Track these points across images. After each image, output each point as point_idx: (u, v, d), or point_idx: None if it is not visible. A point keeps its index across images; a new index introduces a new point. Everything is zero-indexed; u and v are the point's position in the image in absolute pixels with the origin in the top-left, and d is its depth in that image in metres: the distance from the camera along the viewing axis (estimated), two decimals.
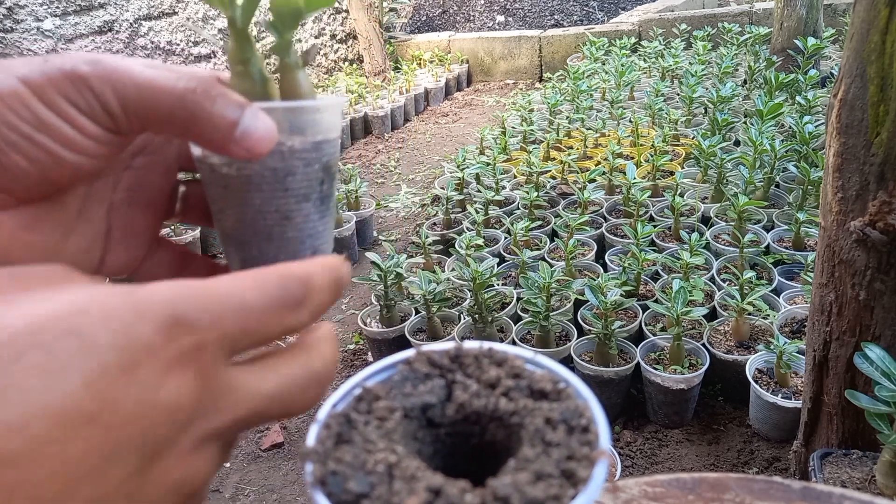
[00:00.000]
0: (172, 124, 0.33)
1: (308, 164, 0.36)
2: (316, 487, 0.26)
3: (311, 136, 0.36)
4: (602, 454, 0.27)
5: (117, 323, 0.25)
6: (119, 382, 0.24)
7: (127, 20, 3.74)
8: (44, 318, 0.24)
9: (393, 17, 6.11)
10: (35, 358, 0.23)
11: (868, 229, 1.02)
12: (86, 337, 0.24)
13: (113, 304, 0.25)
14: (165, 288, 0.27)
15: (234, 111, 0.33)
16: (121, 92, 0.32)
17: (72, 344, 0.24)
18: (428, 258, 2.43)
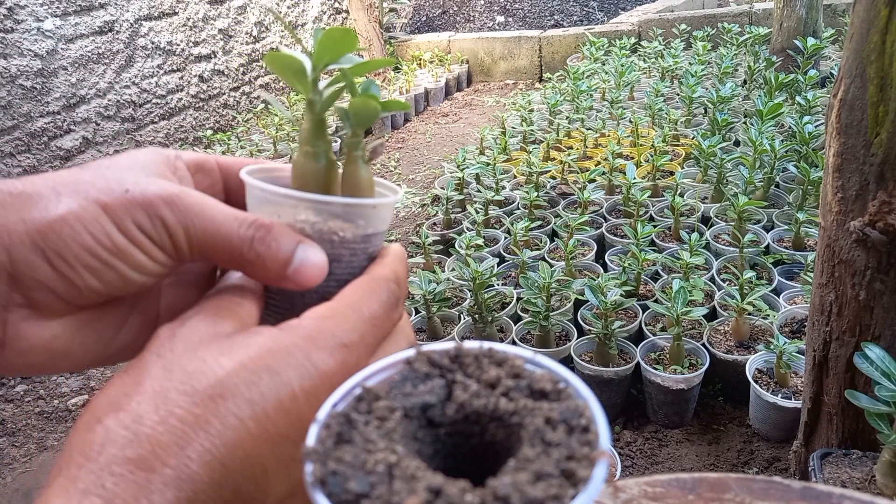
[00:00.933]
0: (231, 262, 0.37)
1: (354, 254, 0.38)
2: (316, 487, 0.26)
3: (362, 230, 0.38)
4: (602, 454, 0.27)
5: (299, 357, 0.32)
6: (304, 406, 0.31)
7: (127, 20, 3.74)
8: (246, 360, 0.31)
9: (393, 18, 6.11)
10: (242, 391, 0.30)
11: (868, 229, 1.02)
12: (276, 372, 0.31)
13: (291, 340, 0.33)
14: (327, 321, 0.34)
15: (287, 250, 0.36)
16: (191, 232, 0.36)
17: (266, 378, 0.31)
18: (428, 258, 2.43)
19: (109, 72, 3.67)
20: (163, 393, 0.30)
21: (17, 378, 2.43)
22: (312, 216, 0.37)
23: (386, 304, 0.37)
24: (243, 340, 0.33)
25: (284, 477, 0.32)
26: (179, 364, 0.31)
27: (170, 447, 0.29)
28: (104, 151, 3.73)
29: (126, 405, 0.30)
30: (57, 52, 3.37)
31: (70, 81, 3.45)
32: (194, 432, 0.29)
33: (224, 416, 0.30)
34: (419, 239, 2.43)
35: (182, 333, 0.33)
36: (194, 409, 0.30)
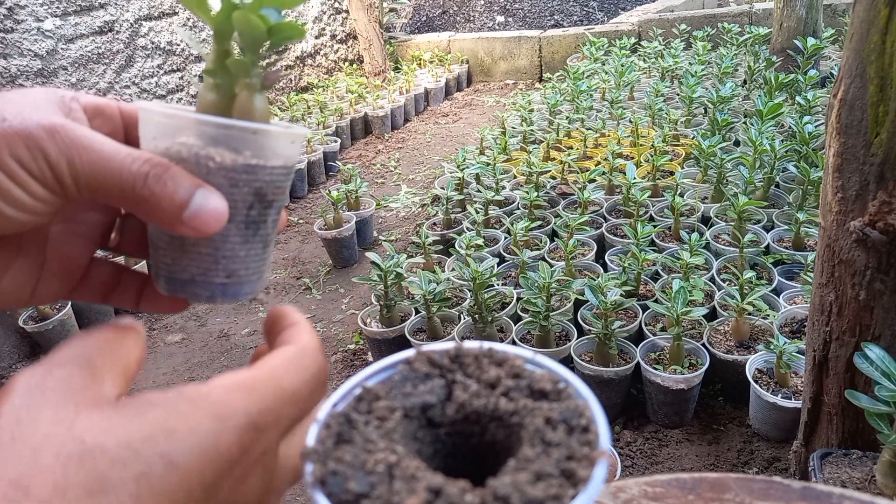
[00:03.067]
0: (122, 201, 0.33)
1: (234, 185, 0.35)
2: (316, 487, 0.26)
3: (245, 159, 0.35)
4: (602, 454, 0.26)
5: (203, 442, 0.27)
6: (201, 499, 0.27)
7: (127, 20, 3.74)
8: (136, 442, 0.26)
9: (393, 18, 6.11)
10: (128, 486, 0.25)
11: (868, 229, 1.02)
12: (174, 460, 0.26)
13: (196, 420, 0.27)
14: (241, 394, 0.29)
15: (185, 193, 0.33)
16: (75, 165, 0.32)
17: (158, 467, 0.26)
18: (428, 258, 2.43)
19: (109, 72, 3.67)
20: (24, 485, 0.24)
21: None
22: (192, 139, 0.34)
23: (310, 382, 0.32)
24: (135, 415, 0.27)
25: None
26: (49, 443, 0.25)
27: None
28: None
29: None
30: (57, 52, 3.37)
31: (70, 81, 3.45)
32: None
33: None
34: (419, 239, 2.43)
35: (50, 391, 0.27)
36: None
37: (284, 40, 0.37)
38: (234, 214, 0.35)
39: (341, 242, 2.87)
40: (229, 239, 0.36)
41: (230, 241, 0.36)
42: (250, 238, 0.37)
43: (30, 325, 2.44)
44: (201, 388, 0.29)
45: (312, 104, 4.61)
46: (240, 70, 0.36)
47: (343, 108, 4.43)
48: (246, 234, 0.37)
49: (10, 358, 2.50)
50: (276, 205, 0.38)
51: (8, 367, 2.48)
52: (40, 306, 2.44)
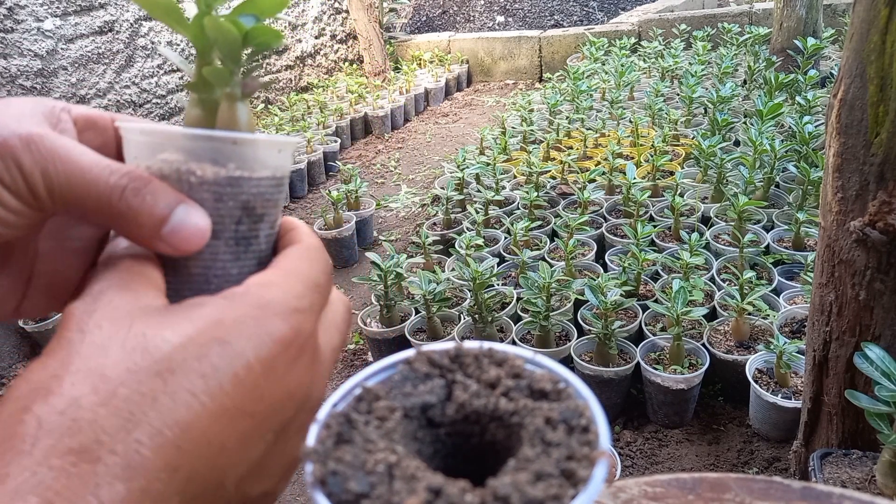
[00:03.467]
0: (98, 216, 0.32)
1: (219, 199, 0.34)
2: (316, 487, 0.26)
3: (228, 171, 0.33)
4: (602, 454, 0.27)
5: (251, 325, 0.30)
6: (260, 377, 0.29)
7: (127, 20, 3.74)
8: (193, 332, 0.29)
9: (393, 18, 6.11)
10: (193, 365, 0.28)
11: (868, 229, 1.02)
12: (228, 343, 0.29)
13: (241, 310, 0.30)
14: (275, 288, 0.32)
15: (165, 208, 0.32)
16: (49, 176, 0.31)
17: (217, 350, 0.28)
18: (428, 258, 2.43)
19: (109, 72, 3.67)
20: (100, 371, 0.27)
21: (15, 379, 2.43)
22: (173, 155, 0.33)
23: (324, 271, 0.35)
24: (186, 312, 0.30)
25: (243, 454, 0.29)
26: (114, 340, 0.28)
27: (115, 431, 0.25)
28: None
29: (57, 388, 0.26)
30: (57, 52, 3.37)
31: (70, 81, 3.45)
32: (142, 412, 0.26)
33: (175, 392, 0.27)
34: (419, 239, 2.43)
35: (103, 308, 0.29)
36: (140, 386, 0.26)
37: (262, 46, 0.35)
38: (221, 231, 0.34)
39: (341, 242, 2.87)
40: (219, 257, 0.35)
41: (220, 258, 0.35)
42: (241, 255, 0.35)
43: (30, 324, 2.44)
44: (238, 288, 0.32)
45: (312, 104, 4.61)
46: (218, 80, 0.35)
47: (343, 108, 4.43)
48: (237, 250, 0.35)
49: (10, 358, 2.50)
50: (267, 218, 0.36)
51: (8, 367, 2.48)
52: None
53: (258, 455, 0.30)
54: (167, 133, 0.34)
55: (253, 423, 0.29)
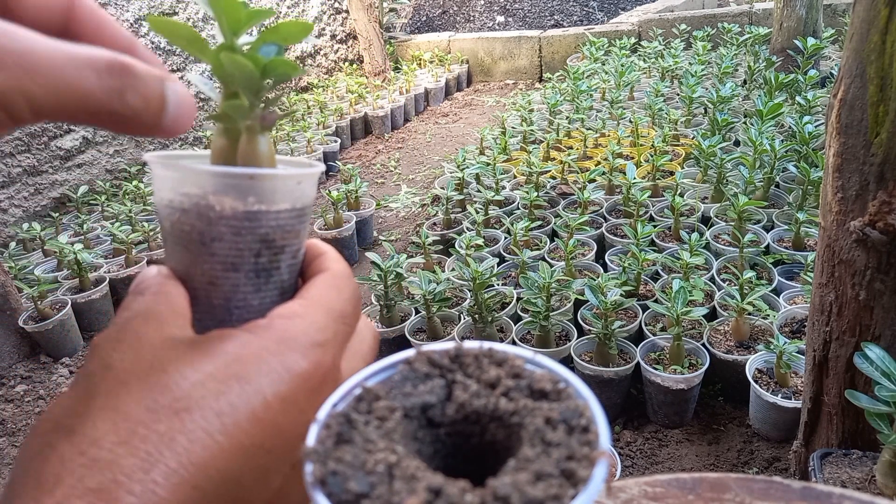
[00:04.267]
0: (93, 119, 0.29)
1: (238, 234, 0.34)
2: (316, 487, 0.26)
3: (246, 205, 0.34)
4: (602, 454, 0.27)
5: (271, 361, 0.30)
6: (279, 413, 0.29)
7: (127, 20, 3.74)
8: (212, 369, 0.29)
9: (393, 18, 6.11)
10: (210, 403, 0.28)
11: (868, 229, 1.02)
12: (246, 380, 0.29)
13: (261, 345, 0.30)
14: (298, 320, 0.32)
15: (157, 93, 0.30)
16: (39, 102, 0.27)
17: (236, 388, 0.29)
18: (428, 258, 2.43)
19: None
20: (120, 409, 0.27)
21: (17, 378, 2.43)
22: (193, 189, 0.33)
23: (351, 300, 0.35)
24: (207, 347, 0.30)
25: (261, 489, 0.30)
26: (135, 376, 0.28)
27: (133, 472, 0.26)
28: (104, 151, 3.73)
29: (79, 427, 0.27)
30: None
31: None
32: (159, 452, 0.27)
33: (191, 431, 0.27)
34: (419, 239, 2.43)
35: (128, 341, 0.30)
36: (157, 426, 0.27)
37: (281, 78, 0.35)
38: (241, 264, 0.34)
39: (341, 242, 2.87)
40: (240, 289, 0.35)
41: (241, 290, 0.35)
42: (262, 286, 0.35)
43: (30, 324, 2.44)
44: (261, 321, 0.32)
45: (312, 104, 4.61)
46: (237, 113, 0.35)
47: (343, 108, 4.43)
48: (258, 282, 0.35)
49: (11, 358, 2.50)
50: (288, 249, 0.36)
51: (8, 367, 2.48)
52: (40, 306, 2.45)
53: (277, 486, 0.30)
54: (187, 169, 0.34)
55: (271, 458, 0.29)
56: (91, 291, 2.61)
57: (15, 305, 2.47)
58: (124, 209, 3.04)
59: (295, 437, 0.30)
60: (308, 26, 0.35)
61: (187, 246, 0.34)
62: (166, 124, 0.31)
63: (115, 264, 2.83)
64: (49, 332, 2.45)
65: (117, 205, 3.21)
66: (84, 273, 2.62)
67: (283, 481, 0.31)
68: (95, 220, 3.23)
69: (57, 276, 2.73)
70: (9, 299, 2.45)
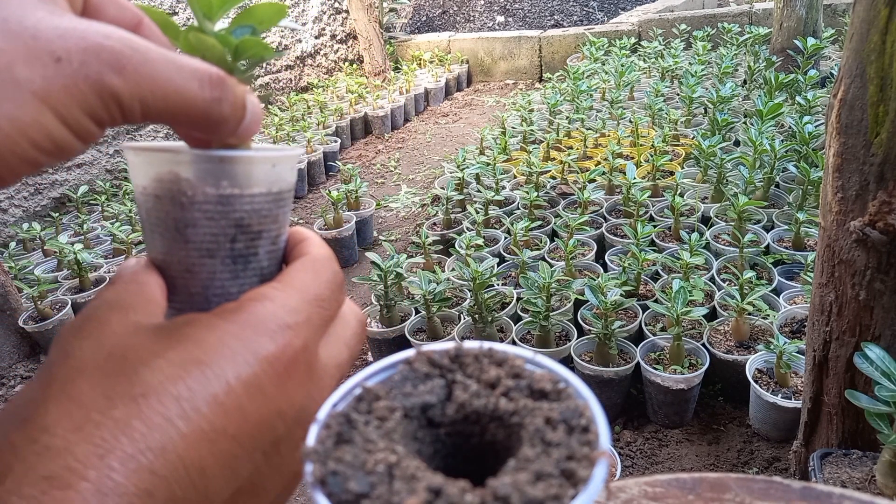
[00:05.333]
0: (188, 127, 0.32)
1: (211, 218, 0.33)
2: (316, 487, 0.26)
3: (217, 189, 0.33)
4: (602, 454, 0.26)
5: (234, 345, 0.29)
6: (243, 397, 0.29)
7: None
8: (171, 354, 0.28)
9: (393, 18, 6.11)
10: (168, 388, 0.27)
11: (868, 229, 1.02)
12: (207, 364, 0.28)
13: (224, 328, 0.30)
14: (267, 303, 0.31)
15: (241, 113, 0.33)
16: (148, 105, 0.29)
17: (194, 372, 0.28)
18: (428, 258, 2.43)
19: None
20: (75, 397, 0.27)
21: (17, 378, 2.43)
22: (165, 174, 0.33)
23: (331, 284, 0.34)
24: (169, 333, 0.29)
25: (228, 476, 0.29)
26: (93, 363, 0.28)
27: (87, 458, 0.25)
28: (104, 151, 3.72)
29: (33, 415, 0.26)
30: None
31: None
32: (114, 438, 0.26)
33: (149, 417, 0.27)
34: (419, 239, 2.43)
35: (89, 329, 0.30)
36: (113, 412, 0.26)
37: (255, 59, 0.35)
38: (216, 250, 0.34)
39: (341, 242, 2.87)
40: (217, 276, 0.34)
41: (218, 277, 0.34)
42: (240, 272, 0.35)
43: (30, 324, 2.44)
44: (231, 304, 0.32)
45: (312, 104, 4.61)
46: None
47: (343, 108, 4.43)
48: (235, 269, 0.34)
49: (11, 358, 2.50)
50: (266, 234, 0.35)
51: (8, 367, 2.48)
52: (40, 306, 2.45)
53: (247, 474, 0.30)
54: (156, 154, 0.33)
55: (236, 444, 0.29)
56: (91, 291, 2.61)
57: (15, 305, 2.47)
58: (124, 209, 3.04)
59: (262, 423, 0.29)
60: (282, 8, 0.35)
61: (163, 233, 0.34)
62: (242, 130, 0.33)
63: (115, 264, 2.83)
64: (49, 332, 2.45)
65: (117, 205, 3.21)
66: (84, 273, 2.62)
67: (254, 469, 0.30)
68: (95, 220, 3.23)
69: (57, 276, 2.73)
70: (9, 299, 2.45)
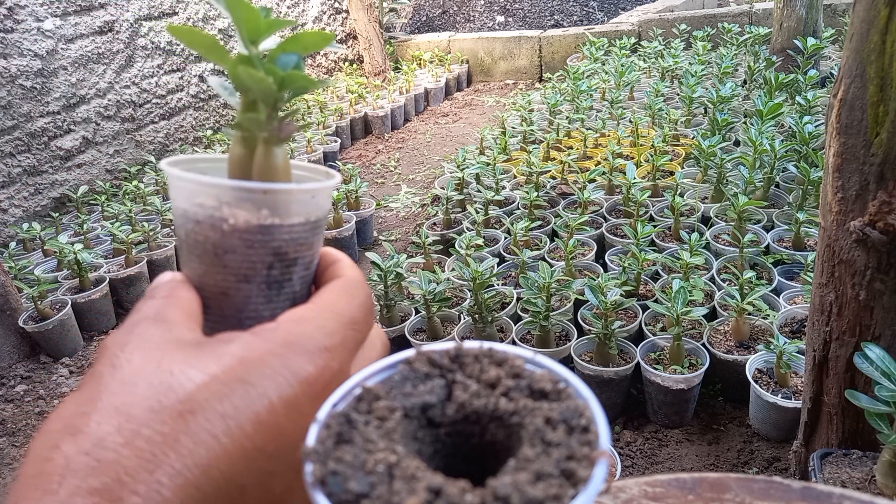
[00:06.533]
0: None
1: (251, 246, 0.34)
2: (316, 487, 0.26)
3: (259, 218, 0.34)
4: (602, 454, 0.26)
5: (276, 365, 0.30)
6: (282, 417, 0.29)
7: (127, 20, 3.74)
8: (217, 371, 0.29)
9: (393, 18, 6.11)
10: (215, 406, 0.28)
11: (868, 229, 1.02)
12: (250, 383, 0.29)
13: (267, 347, 0.30)
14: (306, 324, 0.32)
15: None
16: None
17: (240, 391, 0.29)
18: (428, 258, 2.43)
19: (109, 72, 3.67)
20: (125, 410, 0.27)
21: (17, 378, 2.43)
22: (208, 200, 0.34)
23: (364, 307, 0.35)
24: (213, 349, 0.30)
25: (262, 492, 0.30)
26: (141, 377, 0.28)
27: (137, 472, 0.26)
28: (104, 151, 3.73)
29: (84, 427, 0.27)
30: (57, 52, 3.37)
31: (70, 81, 3.45)
32: (163, 453, 0.27)
33: (195, 433, 0.27)
34: (419, 239, 2.43)
35: (135, 342, 0.30)
36: (162, 427, 0.27)
37: (299, 92, 0.36)
38: (253, 276, 0.35)
39: (341, 242, 2.87)
40: (251, 300, 0.35)
41: (252, 301, 0.35)
42: (274, 297, 0.36)
43: (30, 324, 2.44)
44: (269, 324, 0.32)
45: (312, 104, 4.61)
46: (254, 126, 0.36)
47: (343, 108, 4.43)
48: (269, 293, 0.36)
49: (10, 358, 2.50)
50: (301, 261, 0.36)
51: (8, 366, 2.48)
52: (40, 306, 2.45)
53: (280, 491, 0.30)
54: (203, 181, 0.34)
55: (273, 463, 0.29)
56: (91, 291, 2.61)
57: (15, 305, 2.47)
58: (124, 209, 3.04)
59: (297, 442, 0.30)
60: (329, 36, 0.36)
61: (201, 256, 0.35)
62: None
63: (115, 264, 2.83)
64: (49, 332, 2.45)
65: (117, 205, 3.21)
66: (84, 273, 2.62)
67: (286, 487, 0.31)
68: (95, 220, 3.23)
69: (57, 276, 2.73)
70: (9, 299, 2.45)
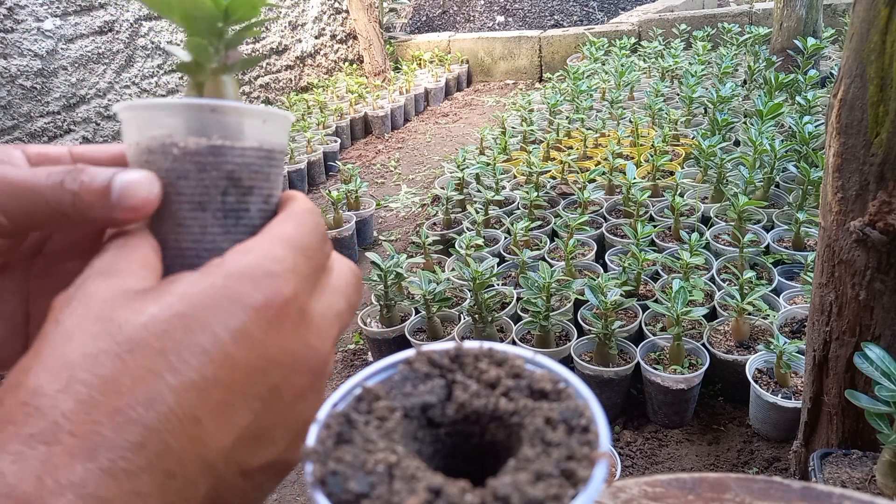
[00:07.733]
0: (56, 218, 0.33)
1: (203, 169, 0.34)
2: (316, 487, 0.26)
3: (208, 140, 0.34)
4: (602, 454, 0.26)
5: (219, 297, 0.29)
6: (230, 346, 0.29)
7: (127, 20, 3.74)
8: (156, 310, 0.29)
9: (393, 18, 6.11)
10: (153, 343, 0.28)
11: (868, 229, 1.02)
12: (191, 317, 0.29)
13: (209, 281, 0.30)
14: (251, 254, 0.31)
15: (102, 182, 0.32)
16: (2, 205, 0.32)
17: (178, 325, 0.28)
18: (428, 258, 2.43)
19: (109, 72, 3.67)
20: (63, 359, 0.27)
21: None
22: (157, 130, 0.34)
23: (314, 233, 0.34)
24: (156, 292, 0.30)
25: (224, 424, 0.29)
26: (81, 328, 0.28)
27: (74, 414, 0.26)
28: None
29: (25, 380, 0.27)
30: (57, 52, 3.37)
31: (70, 81, 3.45)
32: (102, 395, 0.26)
33: (133, 371, 0.27)
34: (419, 239, 2.43)
35: (80, 297, 0.30)
36: (100, 370, 0.27)
37: (242, 19, 0.36)
38: (208, 202, 0.34)
39: (341, 242, 2.87)
40: (208, 230, 0.34)
41: (209, 231, 0.35)
42: (232, 228, 0.35)
43: None
44: (216, 259, 0.32)
45: (312, 104, 4.60)
46: (199, 53, 0.35)
47: (343, 108, 4.43)
48: (226, 223, 0.35)
49: None
50: (257, 191, 0.36)
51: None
52: None
53: (246, 423, 0.30)
54: (148, 107, 0.34)
55: (229, 393, 0.29)
56: None
57: None
58: None
59: (254, 371, 0.30)
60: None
61: None
62: (116, 202, 0.32)
63: None
64: None
65: None
66: None
67: (253, 418, 0.30)
68: None
69: None
70: None
